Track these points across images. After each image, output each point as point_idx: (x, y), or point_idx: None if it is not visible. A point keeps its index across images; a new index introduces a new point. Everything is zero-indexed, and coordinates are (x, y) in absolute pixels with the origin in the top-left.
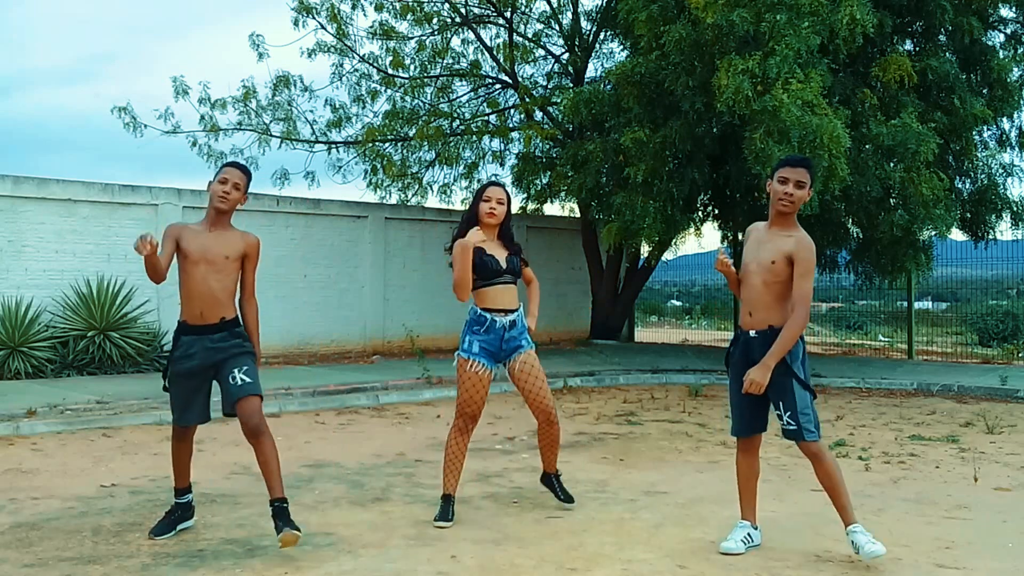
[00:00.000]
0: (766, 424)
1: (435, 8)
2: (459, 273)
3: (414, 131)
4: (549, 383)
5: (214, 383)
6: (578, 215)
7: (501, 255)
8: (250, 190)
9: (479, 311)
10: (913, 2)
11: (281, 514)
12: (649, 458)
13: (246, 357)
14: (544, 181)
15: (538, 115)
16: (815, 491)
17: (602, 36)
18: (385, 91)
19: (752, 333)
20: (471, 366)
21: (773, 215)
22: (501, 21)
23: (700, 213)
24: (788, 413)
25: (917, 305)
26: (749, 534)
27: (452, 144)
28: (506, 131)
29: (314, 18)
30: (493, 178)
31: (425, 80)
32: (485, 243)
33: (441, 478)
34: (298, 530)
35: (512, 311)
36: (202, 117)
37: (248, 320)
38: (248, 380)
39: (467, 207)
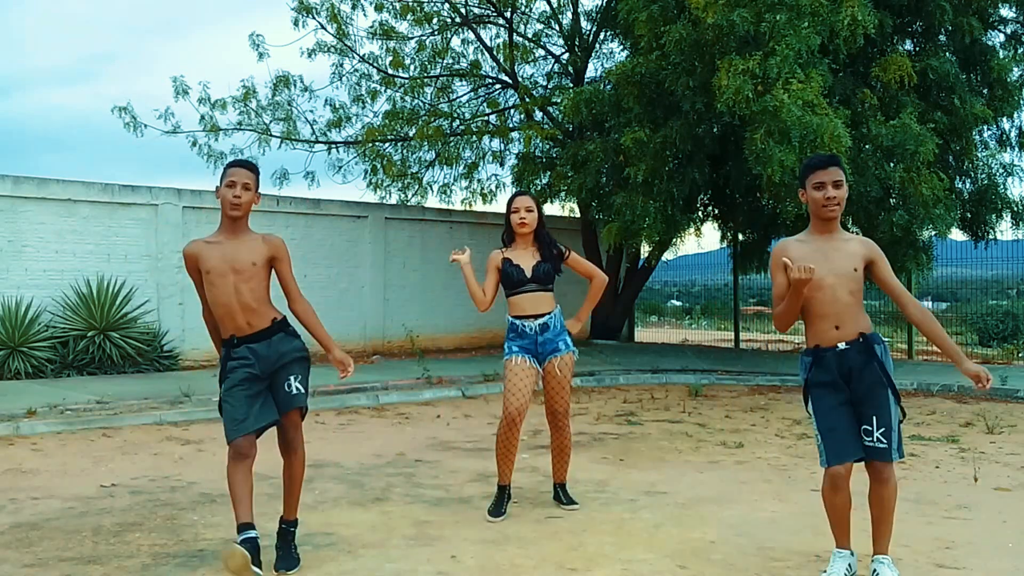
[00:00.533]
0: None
1: (435, 8)
2: (468, 288)
3: (414, 131)
4: None
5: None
6: (578, 215)
7: (528, 264)
8: None
9: (511, 319)
10: (913, 2)
11: (285, 541)
12: (649, 458)
13: (303, 363)
14: (544, 181)
15: (538, 115)
16: (815, 491)
17: (602, 36)
18: (385, 91)
19: (842, 346)
20: (513, 362)
21: (818, 224)
22: (501, 21)
23: (700, 213)
24: (882, 430)
25: None
26: (850, 564)
27: (452, 144)
28: (506, 131)
29: (314, 18)
30: (492, 180)
31: (425, 80)
32: (516, 252)
33: (440, 478)
34: (296, 567)
35: (541, 315)
36: (202, 117)
37: (310, 324)
38: (302, 391)
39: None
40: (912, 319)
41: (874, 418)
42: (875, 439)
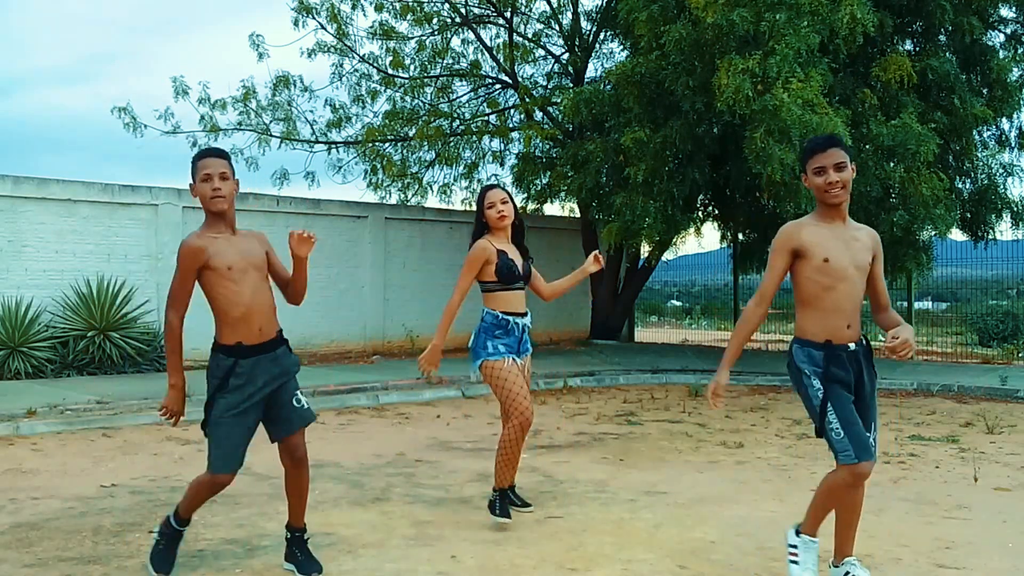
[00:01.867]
0: None
1: (435, 8)
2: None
3: (414, 131)
4: (549, 383)
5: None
6: (578, 215)
7: (518, 259)
8: (250, 190)
9: (499, 314)
10: (913, 2)
11: (303, 546)
12: (649, 458)
13: (296, 376)
14: (544, 181)
15: (538, 115)
16: (815, 491)
17: (602, 36)
18: (385, 91)
19: (853, 346)
20: (507, 364)
21: (825, 211)
22: (501, 21)
23: (700, 213)
24: (875, 434)
25: (917, 305)
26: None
27: (452, 144)
28: (506, 131)
29: (314, 18)
30: (492, 180)
31: (425, 80)
32: (503, 245)
33: (440, 478)
34: (320, 571)
35: (526, 314)
36: (202, 117)
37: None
38: (307, 404)
39: (474, 219)
40: (881, 325)
41: (872, 423)
42: (872, 442)
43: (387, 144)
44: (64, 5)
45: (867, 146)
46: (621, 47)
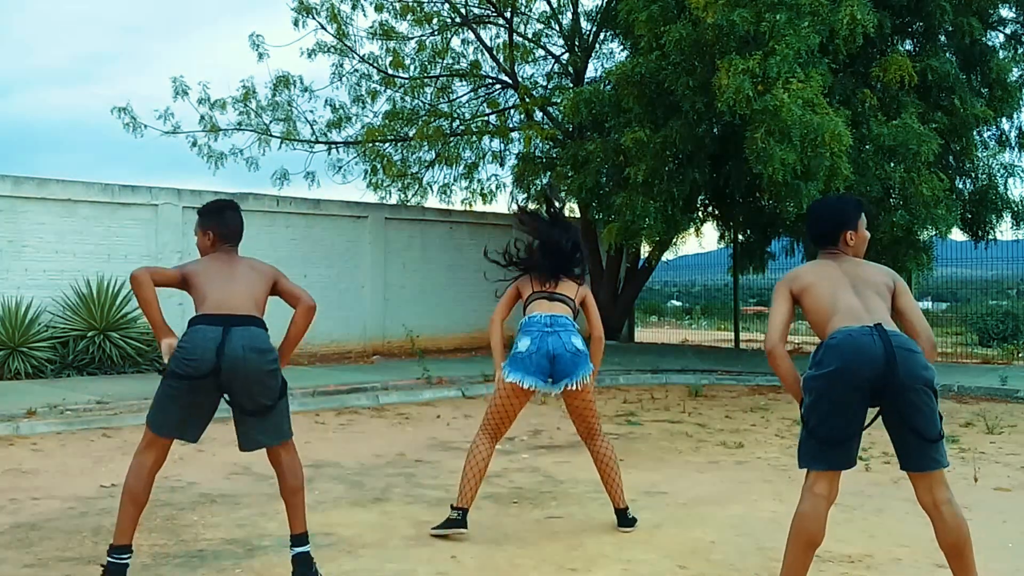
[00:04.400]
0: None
1: (435, 8)
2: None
3: (414, 131)
4: None
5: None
6: (578, 215)
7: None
8: (250, 190)
9: None
10: (913, 2)
11: (310, 562)
12: (649, 458)
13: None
14: (544, 181)
15: (538, 115)
16: None
17: (602, 36)
18: (385, 91)
19: None
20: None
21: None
22: (501, 21)
23: (700, 213)
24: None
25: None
26: None
27: (452, 144)
28: (506, 131)
29: (314, 18)
30: (492, 180)
31: (425, 80)
32: None
33: (440, 478)
34: None
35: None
36: (202, 117)
37: None
38: None
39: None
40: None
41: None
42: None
43: (387, 144)
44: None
45: (867, 146)
46: (621, 47)
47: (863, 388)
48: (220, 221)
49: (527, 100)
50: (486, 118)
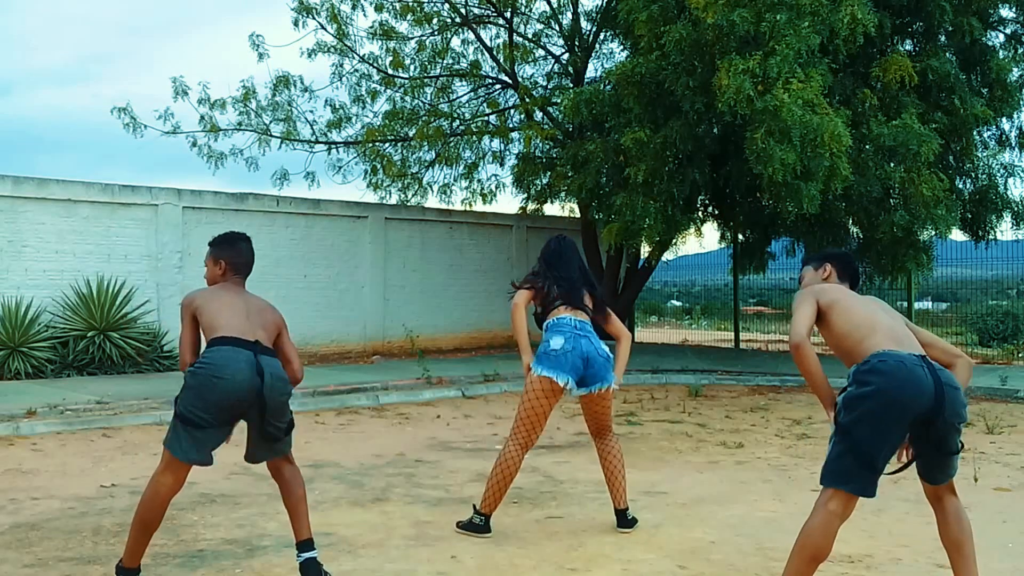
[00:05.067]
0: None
1: (435, 8)
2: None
3: (414, 131)
4: None
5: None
6: (578, 215)
7: None
8: (250, 190)
9: None
10: (913, 2)
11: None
12: (649, 458)
13: None
14: (544, 181)
15: (538, 115)
16: (815, 491)
17: (602, 36)
18: (385, 91)
19: None
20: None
21: None
22: (501, 21)
23: (700, 213)
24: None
25: (917, 305)
26: None
27: (452, 144)
28: (506, 131)
29: (314, 18)
30: (493, 180)
31: (425, 80)
32: None
33: (440, 478)
34: None
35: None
36: (202, 117)
37: None
38: None
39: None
40: None
41: None
42: None
43: (387, 144)
44: (63, 5)
45: (867, 146)
46: (621, 47)
47: (908, 420)
48: (234, 252)
49: (527, 100)
50: (486, 118)
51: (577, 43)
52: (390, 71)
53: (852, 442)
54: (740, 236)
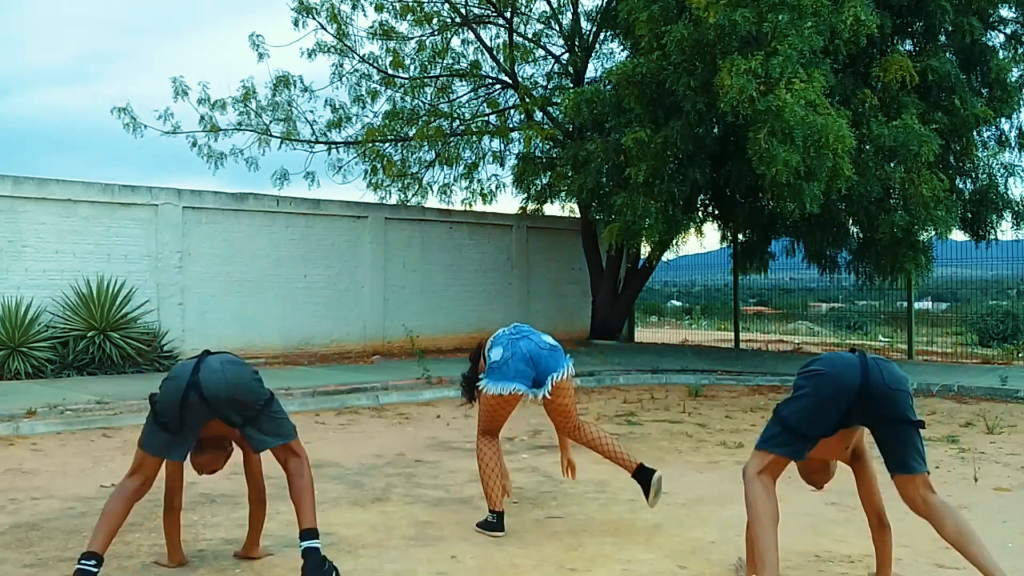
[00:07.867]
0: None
1: (435, 8)
2: None
3: (414, 131)
4: None
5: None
6: (578, 215)
7: None
8: (250, 190)
9: None
10: (913, 2)
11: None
12: (649, 458)
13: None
14: (544, 181)
15: (538, 115)
16: (814, 491)
17: (602, 36)
18: (385, 91)
19: None
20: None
21: None
22: (501, 21)
23: (701, 213)
24: None
25: (917, 305)
26: None
27: (452, 144)
28: (506, 131)
29: (314, 18)
30: (492, 180)
31: (425, 80)
32: None
33: (440, 478)
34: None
35: None
36: (202, 117)
37: None
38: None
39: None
40: None
41: None
42: None
43: (387, 144)
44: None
45: (868, 146)
46: (621, 47)
47: (841, 395)
48: None
49: (527, 100)
50: (486, 118)
51: (577, 43)
52: (390, 71)
53: (783, 416)
54: (740, 236)
